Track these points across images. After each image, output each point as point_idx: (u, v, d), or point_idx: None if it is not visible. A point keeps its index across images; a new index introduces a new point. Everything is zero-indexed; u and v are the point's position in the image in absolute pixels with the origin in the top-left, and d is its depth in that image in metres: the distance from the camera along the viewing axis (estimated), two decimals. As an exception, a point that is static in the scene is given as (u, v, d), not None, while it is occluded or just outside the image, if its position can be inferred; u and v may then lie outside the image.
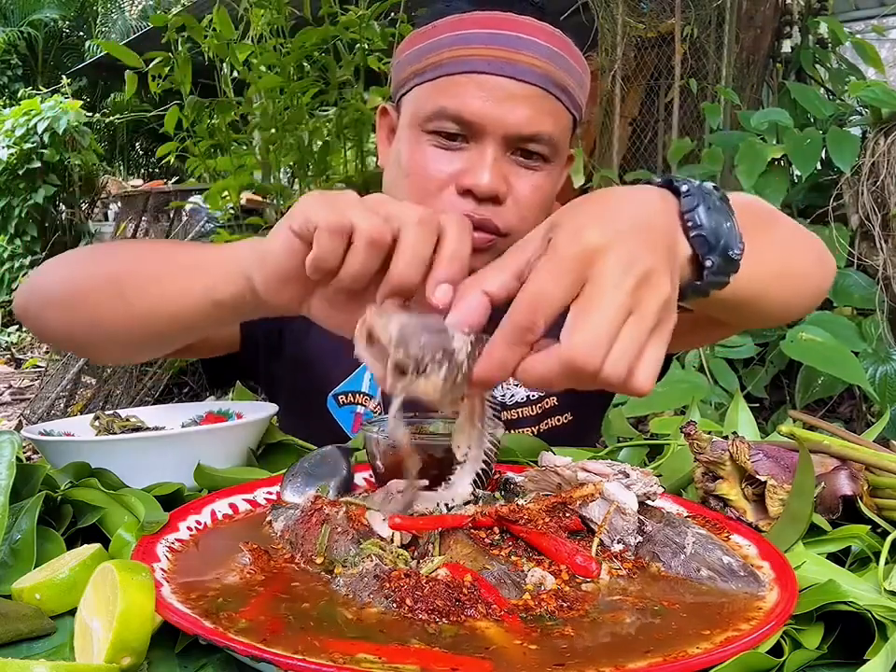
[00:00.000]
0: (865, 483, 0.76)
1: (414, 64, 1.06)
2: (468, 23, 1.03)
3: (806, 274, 0.93)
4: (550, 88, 1.02)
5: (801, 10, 3.67)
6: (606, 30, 3.74)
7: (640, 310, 0.56)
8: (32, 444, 1.73)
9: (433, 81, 1.03)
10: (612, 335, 0.55)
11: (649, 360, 0.57)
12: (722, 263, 0.65)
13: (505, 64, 1.00)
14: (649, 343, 0.57)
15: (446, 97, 1.01)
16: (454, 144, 1.02)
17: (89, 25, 13.42)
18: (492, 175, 0.99)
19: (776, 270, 0.85)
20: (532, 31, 1.03)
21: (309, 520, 0.65)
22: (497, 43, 1.01)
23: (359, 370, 1.16)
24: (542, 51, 1.02)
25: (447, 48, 1.03)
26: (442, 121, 1.01)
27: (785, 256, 0.89)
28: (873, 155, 2.83)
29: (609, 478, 0.68)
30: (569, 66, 1.04)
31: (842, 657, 0.54)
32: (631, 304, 0.56)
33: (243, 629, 0.51)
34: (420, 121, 1.03)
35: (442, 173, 1.01)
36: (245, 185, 3.10)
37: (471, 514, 0.64)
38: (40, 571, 0.60)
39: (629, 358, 0.56)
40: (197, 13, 3.10)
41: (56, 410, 4.33)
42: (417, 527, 0.62)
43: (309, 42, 2.73)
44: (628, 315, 0.56)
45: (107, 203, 9.53)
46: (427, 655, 0.48)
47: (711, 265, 0.64)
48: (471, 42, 1.02)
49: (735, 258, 0.66)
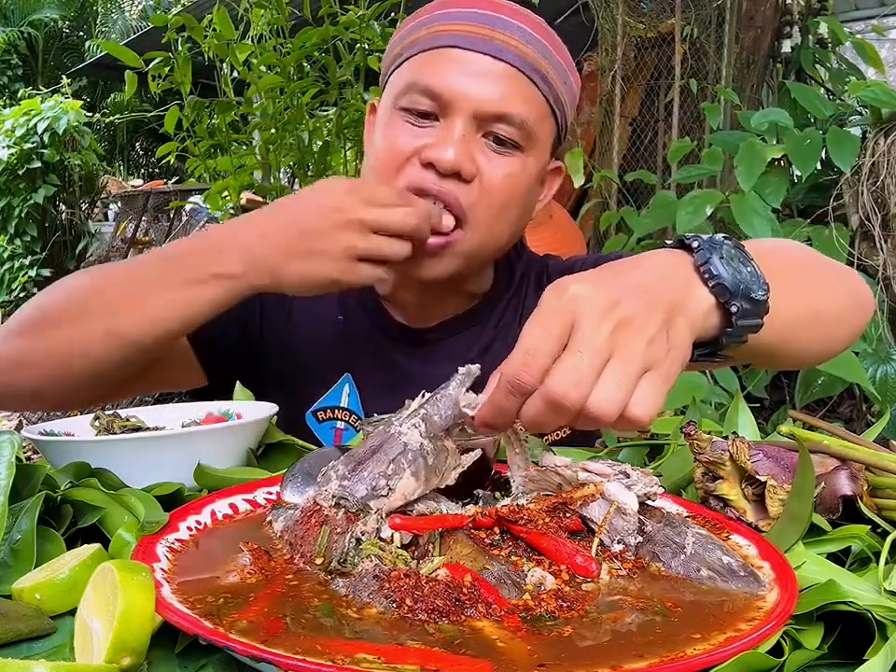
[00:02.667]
0: (865, 483, 0.76)
1: (394, 49, 1.07)
2: (446, 4, 1.03)
3: (841, 315, 0.93)
4: (526, 70, 0.99)
5: (801, 10, 3.67)
6: (606, 30, 3.73)
7: (622, 350, 0.59)
8: (32, 444, 1.73)
9: (409, 60, 1.03)
10: (589, 372, 0.58)
11: (642, 395, 0.59)
12: (749, 306, 0.68)
13: (480, 40, 0.99)
14: (643, 379, 0.59)
15: (418, 71, 1.00)
16: (425, 122, 1.00)
17: (89, 25, 13.43)
18: (457, 151, 0.96)
19: (808, 312, 0.85)
20: (511, 13, 1.01)
21: (308, 520, 0.65)
22: (473, 20, 1.00)
23: (337, 385, 1.15)
24: (520, 33, 1.00)
25: (424, 26, 1.02)
26: (413, 95, 0.99)
27: (818, 298, 0.89)
28: (873, 155, 2.83)
29: (609, 478, 0.68)
30: (550, 55, 1.02)
31: (842, 657, 0.54)
32: (611, 345, 0.59)
33: (243, 629, 0.51)
34: (394, 99, 1.02)
35: (409, 146, 0.99)
36: (245, 185, 3.09)
37: (471, 514, 0.64)
38: (40, 571, 0.60)
39: (617, 395, 0.58)
40: (197, 13, 3.11)
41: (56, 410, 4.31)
42: (418, 527, 0.62)
43: (309, 42, 2.73)
44: (609, 356, 0.59)
45: (107, 203, 9.54)
46: (427, 655, 0.48)
47: (737, 310, 0.67)
48: (448, 20, 1.01)
49: (759, 299, 0.68)
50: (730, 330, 0.68)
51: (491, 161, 0.99)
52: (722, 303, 0.67)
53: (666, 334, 0.61)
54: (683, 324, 0.63)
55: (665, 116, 3.81)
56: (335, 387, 1.15)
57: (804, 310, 0.84)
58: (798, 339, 0.85)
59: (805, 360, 1.01)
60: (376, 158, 1.04)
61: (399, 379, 1.12)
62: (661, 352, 0.60)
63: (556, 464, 0.70)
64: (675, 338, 0.62)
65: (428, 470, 0.65)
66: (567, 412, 0.59)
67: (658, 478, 0.70)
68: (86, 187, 8.76)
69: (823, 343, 0.93)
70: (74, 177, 8.49)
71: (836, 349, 0.97)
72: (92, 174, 8.84)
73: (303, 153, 2.98)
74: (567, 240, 3.12)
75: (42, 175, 8.17)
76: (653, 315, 0.61)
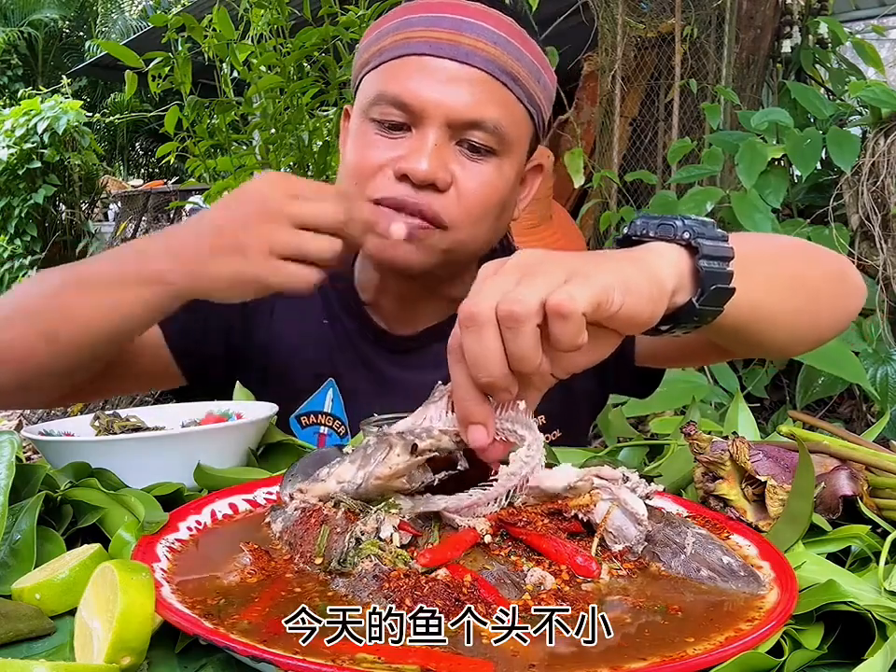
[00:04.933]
0: (865, 483, 0.76)
1: (363, 55, 1.05)
2: (413, 9, 1.01)
3: (824, 288, 0.91)
4: (496, 73, 0.98)
5: (801, 10, 3.67)
6: (606, 30, 3.73)
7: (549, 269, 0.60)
8: (32, 444, 1.73)
9: (377, 68, 1.01)
10: (508, 282, 0.59)
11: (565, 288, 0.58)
12: (713, 254, 0.67)
13: (447, 46, 0.97)
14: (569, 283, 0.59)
15: (387, 81, 0.99)
16: (397, 133, 0.98)
17: (89, 25, 13.43)
18: (431, 162, 0.94)
19: (786, 277, 0.84)
20: (479, 15, 0.99)
21: (308, 520, 0.65)
22: (439, 25, 0.98)
23: (321, 390, 1.14)
24: (488, 35, 0.98)
25: (391, 34, 1.01)
26: (384, 106, 0.98)
27: (797, 266, 0.88)
28: (873, 155, 2.83)
29: (618, 483, 0.68)
30: (520, 55, 1.00)
31: (842, 657, 0.54)
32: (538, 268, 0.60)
33: (243, 629, 0.51)
34: (364, 109, 1.01)
35: (381, 157, 0.98)
36: (245, 185, 3.09)
37: (484, 528, 0.63)
38: (40, 571, 0.60)
39: (532, 294, 0.57)
40: (197, 13, 3.10)
41: (56, 410, 4.32)
42: (445, 558, 0.60)
43: (309, 42, 2.73)
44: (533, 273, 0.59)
45: (107, 203, 9.53)
46: (428, 655, 0.48)
47: (700, 253, 0.67)
48: (414, 25, 0.99)
49: (723, 239, 0.68)
50: (700, 263, 0.67)
51: (466, 169, 0.98)
52: (685, 245, 0.67)
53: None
54: (639, 269, 0.63)
55: (665, 116, 3.81)
56: (318, 392, 1.14)
57: (782, 274, 0.83)
58: (777, 308, 0.82)
59: (787, 338, 0.92)
60: (348, 168, 1.02)
61: (384, 385, 1.11)
62: (590, 266, 0.61)
63: (549, 485, 0.68)
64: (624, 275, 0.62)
65: (364, 458, 0.65)
66: (482, 320, 0.57)
67: (657, 478, 0.70)
68: (86, 187, 8.76)
69: (805, 316, 0.89)
70: (74, 177, 8.49)
71: (822, 329, 0.94)
72: (92, 174, 8.84)
73: (303, 153, 2.97)
74: (566, 240, 3.11)
75: (42, 175, 8.17)
76: (594, 273, 0.60)
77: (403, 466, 0.63)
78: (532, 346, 0.57)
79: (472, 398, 0.60)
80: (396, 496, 0.66)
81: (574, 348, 0.58)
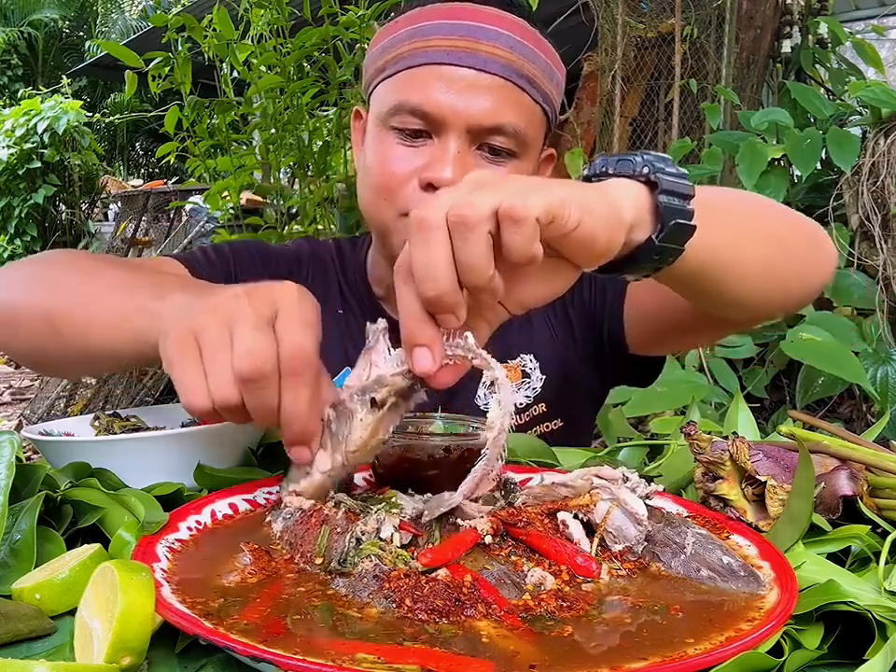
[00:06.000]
0: (865, 483, 0.76)
1: (377, 62, 1.05)
2: (427, 15, 1.01)
3: (792, 243, 0.89)
4: (513, 78, 0.99)
5: (801, 10, 3.67)
6: (606, 30, 3.73)
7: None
8: (32, 444, 1.73)
9: (394, 76, 1.02)
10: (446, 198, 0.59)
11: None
12: (674, 183, 0.67)
13: (465, 55, 0.98)
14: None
15: (406, 91, 1.00)
16: (418, 141, 1.00)
17: (89, 25, 13.44)
18: (455, 169, 0.96)
19: (751, 227, 0.83)
20: (493, 20, 1.00)
21: (308, 520, 0.65)
22: (457, 33, 0.99)
23: (336, 380, 1.13)
24: (504, 41, 0.99)
25: (407, 41, 1.01)
26: (404, 116, 0.99)
27: (762, 215, 0.87)
28: (873, 155, 2.83)
29: (618, 483, 0.68)
30: (535, 56, 1.01)
31: (842, 657, 0.54)
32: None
33: (243, 629, 0.51)
34: (383, 117, 1.02)
35: (405, 169, 0.99)
36: (245, 185, 3.09)
37: (485, 528, 0.63)
38: (40, 571, 0.60)
39: (485, 199, 0.57)
40: (197, 13, 3.10)
41: (56, 410, 4.32)
42: (447, 559, 0.60)
43: (309, 42, 2.73)
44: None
45: (107, 203, 9.54)
46: (427, 655, 0.48)
47: (659, 187, 0.66)
48: (430, 34, 1.00)
49: (683, 176, 0.67)
50: (659, 199, 0.66)
51: None
52: (645, 182, 0.66)
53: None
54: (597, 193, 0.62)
55: (665, 116, 3.81)
56: (334, 381, 1.15)
57: (751, 227, 0.81)
58: (741, 258, 0.80)
59: (750, 293, 0.86)
60: (371, 177, 1.03)
61: None
62: (549, 183, 0.60)
63: (567, 483, 0.68)
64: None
65: (333, 439, 0.65)
66: (431, 222, 0.57)
67: (657, 478, 0.70)
68: (86, 187, 8.77)
69: (774, 273, 0.86)
70: (74, 177, 8.50)
71: (791, 290, 0.91)
72: (92, 174, 8.85)
73: (303, 153, 2.98)
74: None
75: (42, 175, 8.18)
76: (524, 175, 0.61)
77: (372, 425, 0.63)
78: (483, 254, 0.55)
79: (418, 318, 0.58)
80: (398, 495, 0.66)
81: (526, 259, 0.56)
